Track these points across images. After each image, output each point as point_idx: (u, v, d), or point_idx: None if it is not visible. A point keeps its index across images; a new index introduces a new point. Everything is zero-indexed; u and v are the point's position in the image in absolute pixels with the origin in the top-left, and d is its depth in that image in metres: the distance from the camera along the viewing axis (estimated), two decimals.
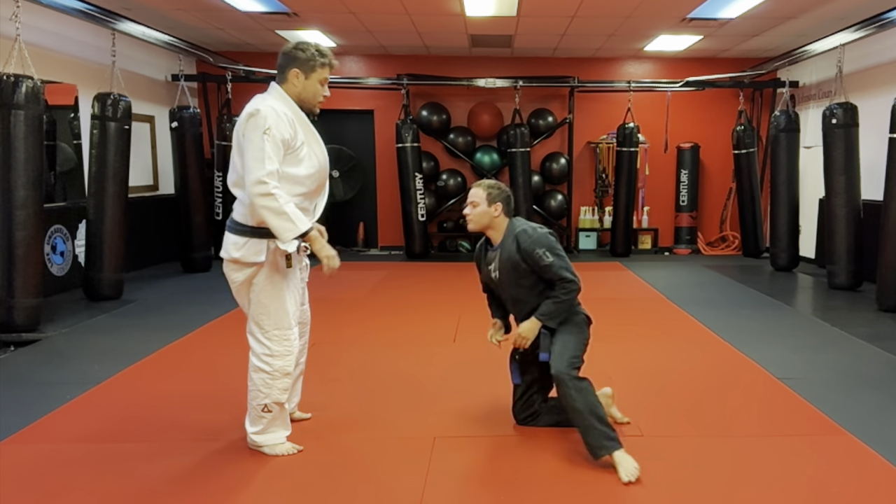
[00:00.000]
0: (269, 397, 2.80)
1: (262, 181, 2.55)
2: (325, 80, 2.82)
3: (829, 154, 6.46)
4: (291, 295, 2.81)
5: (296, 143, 2.69)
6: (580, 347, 2.96)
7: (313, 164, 2.78)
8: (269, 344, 2.78)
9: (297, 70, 2.76)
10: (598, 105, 9.29)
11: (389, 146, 8.86)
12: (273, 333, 2.77)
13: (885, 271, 5.60)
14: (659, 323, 5.31)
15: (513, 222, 3.09)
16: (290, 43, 2.83)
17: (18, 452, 2.92)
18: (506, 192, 3.12)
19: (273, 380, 2.78)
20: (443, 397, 3.60)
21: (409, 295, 6.41)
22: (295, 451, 2.90)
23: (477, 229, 3.13)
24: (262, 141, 2.58)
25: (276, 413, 2.84)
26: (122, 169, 5.98)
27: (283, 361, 2.79)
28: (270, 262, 2.72)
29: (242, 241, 2.71)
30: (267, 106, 2.66)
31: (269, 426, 2.86)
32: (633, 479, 2.64)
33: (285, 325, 2.78)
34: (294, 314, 2.83)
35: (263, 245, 2.69)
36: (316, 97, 2.81)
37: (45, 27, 5.93)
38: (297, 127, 2.72)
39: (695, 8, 6.49)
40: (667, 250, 9.43)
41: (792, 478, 2.72)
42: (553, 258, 2.92)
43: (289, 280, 2.79)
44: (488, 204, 3.07)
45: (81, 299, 5.95)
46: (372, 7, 6.62)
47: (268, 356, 2.78)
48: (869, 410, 3.42)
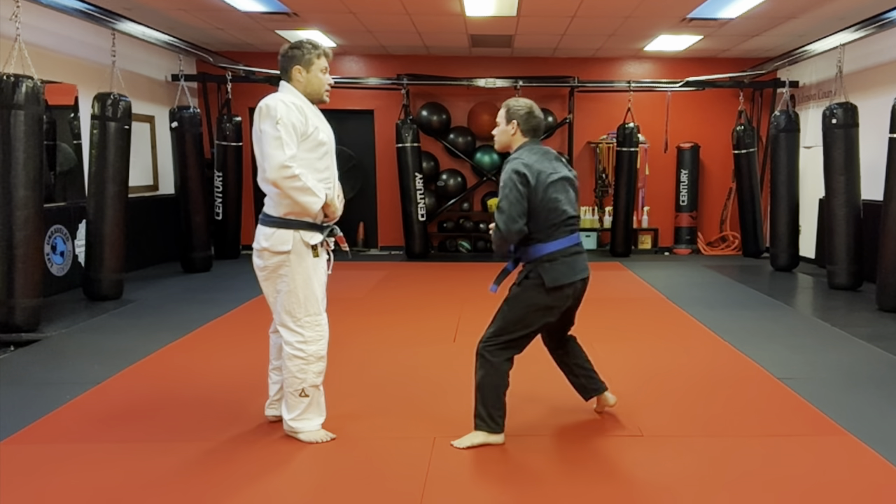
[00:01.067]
0: (305, 382, 2.94)
1: (285, 165, 2.73)
2: (325, 69, 2.99)
3: (829, 154, 6.46)
4: (319, 282, 2.95)
5: (308, 129, 2.85)
6: (508, 325, 2.90)
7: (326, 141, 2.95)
8: (301, 331, 2.92)
9: (298, 67, 2.94)
10: (598, 105, 9.29)
11: (389, 146, 8.86)
12: (304, 320, 2.92)
13: (885, 271, 5.60)
14: (659, 323, 5.31)
15: (523, 145, 2.96)
16: (285, 45, 3.02)
17: (18, 452, 2.92)
18: (527, 107, 2.98)
19: (308, 364, 2.92)
20: (443, 397, 3.60)
21: (409, 295, 6.41)
22: (329, 438, 3.02)
23: (502, 150, 3.09)
24: (275, 130, 2.75)
25: (312, 397, 2.97)
26: (122, 169, 5.97)
27: (317, 346, 2.94)
28: (297, 252, 2.87)
29: (271, 232, 2.87)
30: (275, 99, 2.84)
31: (306, 412, 2.98)
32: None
33: (315, 311, 2.93)
34: (322, 301, 2.98)
35: (290, 235, 2.85)
36: (321, 86, 2.98)
37: (45, 27, 5.94)
38: (308, 113, 2.88)
39: (695, 8, 6.49)
40: (667, 250, 9.43)
41: (792, 478, 2.72)
42: (501, 195, 2.84)
43: (316, 268, 2.93)
44: (506, 122, 3.00)
45: (81, 299, 5.95)
46: (372, 7, 6.62)
47: (301, 343, 2.92)
48: (869, 410, 3.42)
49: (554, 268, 2.85)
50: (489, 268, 8.06)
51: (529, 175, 2.82)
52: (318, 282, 2.94)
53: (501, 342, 2.92)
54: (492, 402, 2.94)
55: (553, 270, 2.85)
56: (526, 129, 2.99)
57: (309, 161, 2.86)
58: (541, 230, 2.86)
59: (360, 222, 9.53)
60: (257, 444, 3.02)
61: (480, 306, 5.78)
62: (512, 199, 2.80)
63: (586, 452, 2.96)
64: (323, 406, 3.05)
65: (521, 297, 2.90)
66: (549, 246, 2.86)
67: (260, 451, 2.96)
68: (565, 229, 2.90)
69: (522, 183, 2.81)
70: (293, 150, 2.76)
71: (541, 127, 3.06)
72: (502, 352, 2.93)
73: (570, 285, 2.90)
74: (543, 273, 2.84)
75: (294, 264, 2.87)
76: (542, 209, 2.84)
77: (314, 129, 2.88)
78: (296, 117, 2.81)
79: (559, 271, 2.86)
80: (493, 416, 2.95)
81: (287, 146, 2.75)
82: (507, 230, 2.81)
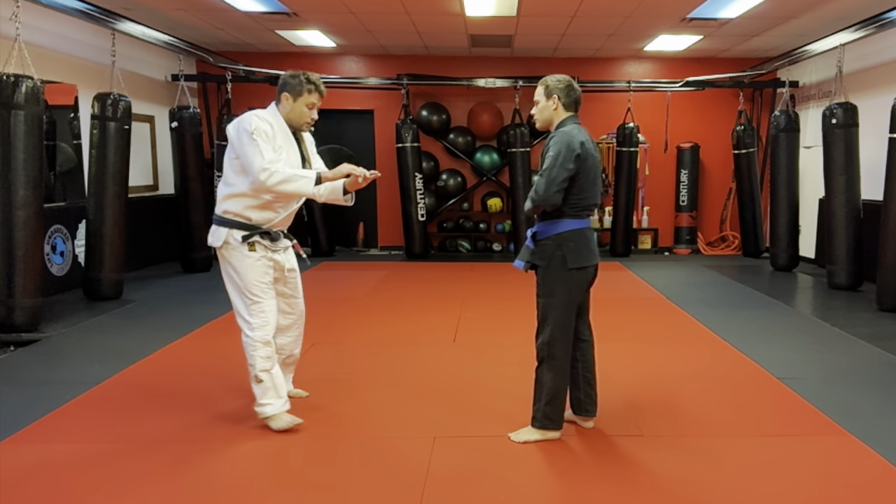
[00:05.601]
0: (255, 368, 3.10)
1: (265, 168, 2.95)
2: (313, 104, 3.18)
3: (829, 154, 6.46)
4: (256, 275, 3.12)
5: (273, 145, 3.05)
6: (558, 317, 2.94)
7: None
8: (246, 317, 3.12)
9: (287, 94, 3.15)
10: (598, 105, 9.28)
11: (389, 146, 8.86)
12: (249, 309, 3.12)
13: (885, 271, 5.60)
14: (659, 323, 5.31)
15: (567, 120, 2.98)
16: (286, 72, 3.21)
17: (18, 452, 2.92)
18: (566, 81, 3.00)
19: (254, 350, 3.10)
20: (443, 397, 3.60)
21: (409, 295, 6.41)
22: (293, 424, 3.15)
23: (543, 127, 3.08)
24: (251, 139, 2.98)
25: (266, 382, 3.11)
26: (122, 169, 5.98)
27: (262, 331, 3.10)
28: (231, 246, 3.10)
29: (213, 229, 3.17)
30: (250, 114, 3.08)
31: (264, 396, 3.12)
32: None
33: (255, 300, 3.11)
34: (263, 290, 3.13)
35: (224, 232, 3.11)
36: (302, 118, 3.18)
37: (45, 27, 5.94)
38: (279, 133, 3.10)
39: (695, 8, 6.49)
40: (667, 250, 9.43)
41: (792, 478, 2.72)
42: (547, 162, 2.87)
43: (252, 262, 3.11)
44: (546, 97, 3.00)
45: (81, 299, 5.95)
46: (372, 7, 6.62)
47: (248, 329, 3.11)
48: (869, 410, 3.42)
49: (577, 247, 2.93)
50: (489, 268, 8.06)
51: (583, 155, 2.88)
52: (255, 274, 3.11)
53: (563, 336, 2.97)
54: (560, 402, 3.01)
55: (576, 251, 2.93)
56: (568, 103, 3.00)
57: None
58: (571, 207, 2.93)
59: (360, 222, 9.53)
60: (257, 444, 3.03)
61: (480, 306, 5.79)
62: (558, 170, 2.85)
63: (586, 452, 2.96)
64: (281, 388, 3.16)
65: (553, 282, 2.95)
66: (573, 223, 2.94)
67: (260, 450, 2.96)
68: (589, 213, 3.02)
69: (574, 160, 2.86)
70: (271, 154, 2.98)
71: (580, 100, 3.07)
72: (567, 344, 2.99)
73: (588, 268, 3.00)
74: (567, 253, 2.92)
75: (229, 258, 3.12)
76: (579, 190, 2.91)
77: (278, 148, 3.06)
78: (268, 130, 3.04)
79: (580, 252, 2.95)
80: (560, 415, 3.03)
81: (266, 150, 2.98)
82: (546, 195, 2.86)
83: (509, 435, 3.06)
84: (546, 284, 2.98)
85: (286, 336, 3.41)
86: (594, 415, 3.20)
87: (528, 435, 3.03)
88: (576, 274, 2.95)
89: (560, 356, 2.97)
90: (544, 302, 2.99)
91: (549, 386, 2.98)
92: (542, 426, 3.02)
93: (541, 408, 3.01)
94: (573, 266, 2.93)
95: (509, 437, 3.05)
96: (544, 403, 2.99)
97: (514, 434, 3.06)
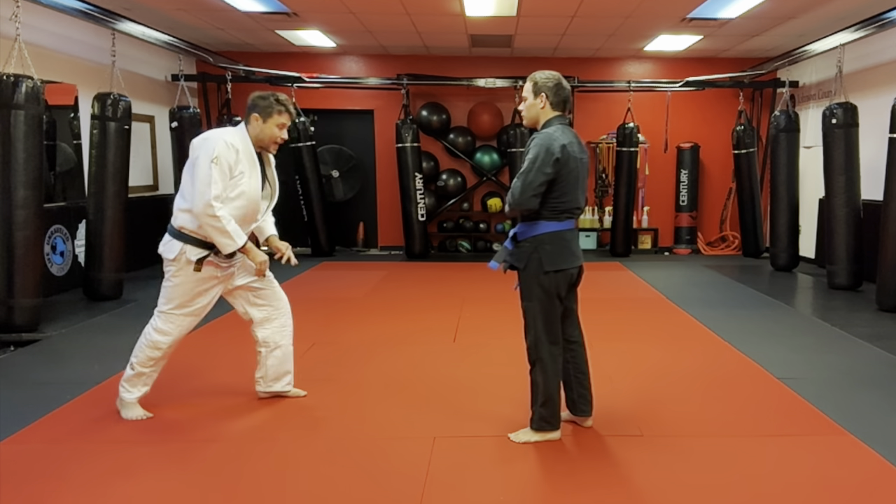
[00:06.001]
0: (137, 358, 3.25)
1: (210, 204, 2.98)
2: (283, 124, 3.21)
3: (829, 154, 6.46)
4: (191, 292, 3.18)
5: (234, 171, 3.08)
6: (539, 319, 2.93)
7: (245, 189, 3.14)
8: (157, 319, 3.23)
9: (256, 115, 3.16)
10: (598, 105, 9.29)
11: (389, 146, 8.86)
12: (163, 314, 3.21)
13: (885, 271, 5.60)
14: (659, 323, 5.31)
15: (552, 120, 2.95)
16: (256, 92, 3.24)
17: (18, 452, 2.92)
18: (555, 79, 2.95)
19: (146, 347, 3.23)
20: (443, 397, 3.60)
21: (409, 295, 6.41)
22: (144, 416, 3.27)
23: (530, 125, 3.05)
24: (209, 168, 2.99)
25: (136, 373, 3.25)
26: (122, 169, 5.97)
27: (162, 338, 3.21)
28: (180, 263, 3.13)
29: (166, 240, 3.18)
30: (218, 136, 3.09)
31: (134, 384, 3.27)
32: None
33: (175, 310, 3.20)
34: (187, 307, 3.21)
35: (178, 246, 3.12)
36: (272, 139, 3.20)
37: (45, 27, 5.93)
38: (243, 158, 3.11)
39: (695, 8, 6.49)
40: (667, 250, 9.43)
41: (792, 478, 2.72)
42: (525, 166, 2.84)
43: (194, 280, 3.16)
44: (534, 95, 2.96)
45: (81, 299, 5.95)
46: (372, 7, 6.62)
47: (153, 328, 3.23)
48: (869, 410, 3.42)
49: (554, 250, 2.90)
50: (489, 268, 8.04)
51: (563, 159, 2.84)
52: (191, 291, 3.16)
53: (548, 338, 2.96)
54: (554, 404, 3.00)
55: (552, 253, 2.90)
56: (556, 102, 2.95)
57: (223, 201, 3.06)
58: (550, 210, 2.90)
59: (360, 222, 9.53)
60: (257, 444, 3.03)
61: (480, 306, 5.79)
62: (535, 174, 2.82)
63: (586, 452, 2.96)
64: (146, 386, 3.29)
65: (531, 285, 2.94)
66: (551, 225, 2.90)
67: (260, 450, 2.96)
68: (570, 216, 2.97)
69: (552, 164, 2.82)
70: (219, 190, 3.00)
71: (570, 99, 3.02)
72: (553, 346, 2.97)
73: (567, 271, 2.95)
74: (543, 255, 2.89)
75: (176, 272, 3.15)
76: (559, 193, 2.88)
77: (239, 173, 3.09)
78: (231, 158, 3.05)
79: (558, 254, 2.91)
80: (557, 416, 3.03)
81: (216, 185, 2.99)
82: (521, 199, 2.84)
83: (509, 436, 3.06)
84: (526, 287, 2.97)
85: (265, 328, 3.41)
86: (590, 414, 3.19)
87: (528, 436, 3.03)
88: (553, 277, 2.91)
89: (547, 358, 2.96)
90: (525, 305, 2.99)
91: (541, 388, 2.98)
92: (539, 428, 3.02)
93: (537, 410, 3.01)
94: (549, 269, 2.89)
95: (509, 437, 3.05)
96: (539, 405, 3.00)
97: (513, 435, 3.06)
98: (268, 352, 3.44)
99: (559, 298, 2.97)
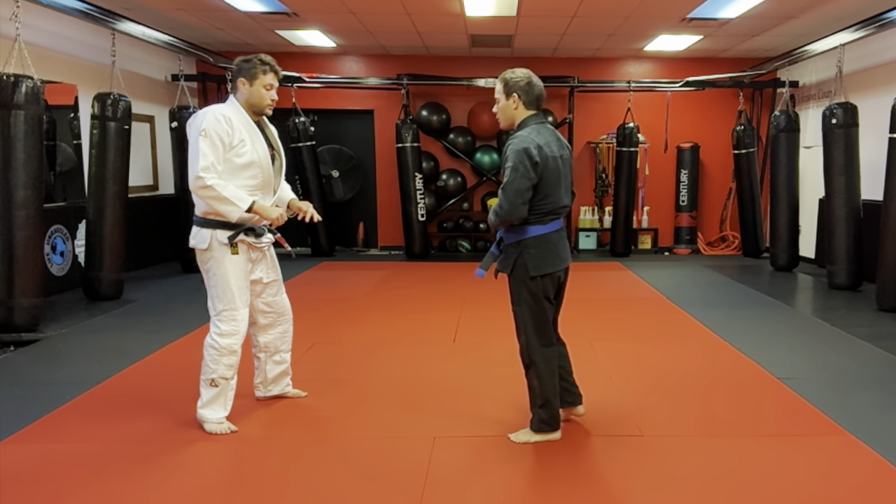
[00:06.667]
0: (216, 373, 3.09)
1: (199, 176, 2.90)
2: (270, 85, 3.13)
3: (829, 154, 6.46)
4: (236, 279, 3.08)
5: (233, 140, 2.99)
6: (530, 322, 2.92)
7: (253, 157, 3.05)
8: (218, 324, 3.09)
9: (242, 79, 3.10)
10: (598, 105, 9.29)
11: (389, 146, 8.86)
12: (222, 314, 3.08)
13: (885, 271, 5.60)
14: (659, 323, 5.31)
15: (528, 119, 2.89)
16: (238, 58, 3.16)
17: (18, 452, 2.92)
18: (525, 77, 2.89)
19: (220, 356, 3.08)
20: (443, 397, 3.60)
21: (409, 295, 6.41)
22: (230, 430, 3.11)
23: (507, 127, 3.01)
24: (197, 141, 2.92)
25: (221, 388, 3.11)
26: (122, 169, 5.98)
27: (231, 340, 3.08)
28: (215, 250, 3.03)
29: (195, 231, 3.08)
30: (207, 110, 3.02)
31: (212, 402, 3.12)
32: None
33: (230, 306, 3.08)
34: (242, 297, 3.11)
35: (208, 234, 3.03)
36: (263, 100, 3.12)
37: (45, 27, 5.93)
38: (240, 126, 3.02)
39: (695, 8, 6.49)
40: (667, 250, 9.43)
41: (792, 478, 2.72)
42: (508, 174, 2.79)
43: (236, 266, 3.07)
44: (506, 96, 2.91)
45: (81, 299, 5.95)
46: (372, 7, 6.62)
47: (217, 335, 3.08)
48: (869, 410, 3.42)
49: (538, 254, 2.87)
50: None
51: (540, 160, 2.79)
52: (236, 278, 3.07)
53: (540, 342, 2.96)
54: (552, 406, 3.00)
55: (538, 258, 2.87)
56: (529, 101, 2.90)
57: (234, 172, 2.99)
58: (534, 214, 2.86)
59: (360, 222, 9.53)
60: (257, 444, 3.03)
61: (480, 306, 5.78)
62: (520, 181, 2.76)
63: (586, 452, 2.96)
64: (229, 401, 3.16)
65: (519, 289, 2.93)
66: (536, 229, 2.87)
67: (259, 450, 2.96)
68: (555, 216, 2.93)
69: (533, 166, 2.78)
70: (209, 161, 2.90)
71: (543, 96, 2.96)
72: (545, 348, 2.96)
73: (553, 274, 2.92)
74: (529, 260, 2.86)
75: (213, 261, 3.05)
76: (542, 196, 2.84)
77: (239, 142, 2.99)
78: (222, 129, 2.95)
79: (542, 258, 2.88)
80: (555, 417, 3.02)
81: (204, 156, 2.90)
82: (512, 212, 2.79)
83: (509, 436, 3.06)
84: (514, 292, 2.96)
85: (268, 334, 3.39)
86: (580, 402, 3.20)
87: (528, 437, 3.03)
88: (539, 281, 2.88)
89: (540, 361, 2.95)
90: (515, 309, 2.98)
91: (538, 391, 2.98)
92: (539, 430, 3.02)
93: (536, 412, 3.01)
94: (535, 274, 2.86)
95: (509, 437, 3.05)
96: (538, 407, 3.00)
97: (513, 435, 3.06)
98: (267, 357, 3.43)
99: (548, 300, 2.95)
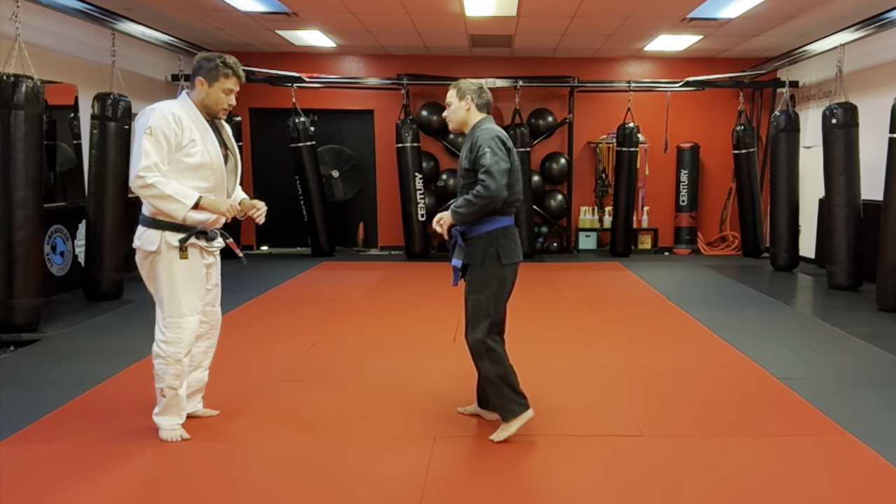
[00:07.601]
0: (163, 381, 2.97)
1: (139, 175, 2.77)
2: (230, 90, 2.98)
3: (829, 154, 6.46)
4: (186, 286, 2.94)
5: (183, 140, 2.87)
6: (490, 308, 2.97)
7: (204, 158, 2.93)
8: (164, 330, 2.96)
9: (201, 78, 2.96)
10: (598, 105, 9.29)
11: (389, 146, 8.86)
12: (168, 321, 2.94)
13: (885, 271, 5.60)
14: (659, 323, 5.31)
15: (483, 120, 3.07)
16: (200, 54, 3.04)
17: (18, 452, 2.92)
18: (476, 84, 3.10)
19: (166, 365, 2.95)
20: (443, 397, 3.60)
21: (409, 295, 6.41)
22: (181, 438, 3.02)
23: (457, 129, 3.14)
24: (141, 140, 2.81)
25: (169, 398, 2.99)
26: (122, 169, 5.97)
27: (175, 348, 2.94)
28: (163, 252, 2.89)
29: (141, 231, 2.92)
30: (155, 107, 2.89)
31: (165, 410, 3.02)
32: None
33: (175, 313, 2.93)
34: (189, 304, 2.96)
35: (157, 235, 2.87)
36: (218, 104, 2.99)
37: (45, 27, 5.93)
38: (190, 126, 2.90)
39: (695, 8, 6.49)
40: (667, 250, 9.43)
41: (792, 478, 2.72)
42: (489, 157, 2.87)
43: (184, 271, 2.93)
44: (459, 99, 3.07)
45: (81, 299, 5.95)
46: (372, 7, 6.62)
47: (163, 342, 2.95)
48: (869, 410, 3.42)
49: (507, 244, 3.00)
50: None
51: (512, 148, 2.98)
52: (184, 284, 2.93)
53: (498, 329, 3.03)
54: (512, 384, 3.01)
55: (507, 247, 3.00)
56: (480, 105, 3.08)
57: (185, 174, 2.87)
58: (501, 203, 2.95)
59: (360, 222, 9.53)
60: (257, 444, 3.03)
61: None
62: (503, 163, 2.90)
63: (586, 452, 2.96)
64: (182, 409, 3.05)
65: (487, 278, 2.99)
66: (503, 220, 3.00)
67: (259, 450, 2.96)
68: (514, 209, 3.07)
69: (507, 151, 2.95)
70: (151, 160, 2.78)
71: (492, 103, 3.16)
72: (498, 335, 3.04)
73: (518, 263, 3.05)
74: (500, 249, 2.97)
75: (160, 264, 2.90)
76: (508, 186, 2.94)
77: (190, 142, 2.87)
78: (170, 128, 2.83)
79: (510, 248, 3.01)
80: (516, 400, 3.03)
81: (147, 155, 2.78)
82: (499, 191, 2.87)
83: (490, 437, 3.04)
84: (480, 281, 3.01)
85: (196, 346, 3.13)
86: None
87: (506, 431, 3.02)
88: (511, 269, 3.01)
89: (495, 346, 3.00)
90: (476, 298, 3.01)
91: (497, 376, 2.99)
92: (511, 415, 3.02)
93: (501, 402, 3.03)
94: (507, 262, 2.99)
95: (490, 439, 3.03)
96: (501, 392, 3.01)
97: (493, 435, 3.04)
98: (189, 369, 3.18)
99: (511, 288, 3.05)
